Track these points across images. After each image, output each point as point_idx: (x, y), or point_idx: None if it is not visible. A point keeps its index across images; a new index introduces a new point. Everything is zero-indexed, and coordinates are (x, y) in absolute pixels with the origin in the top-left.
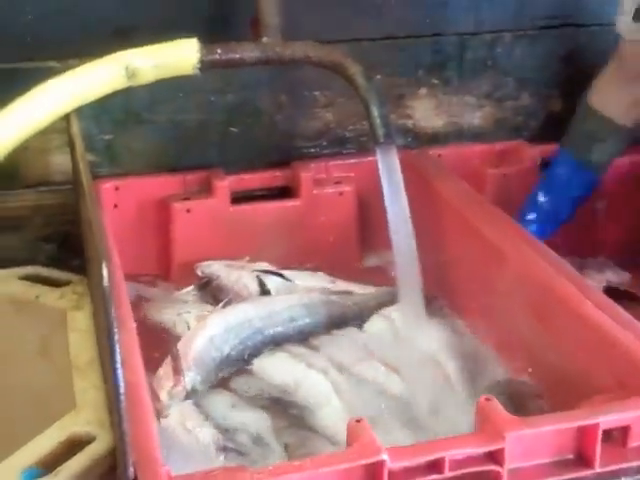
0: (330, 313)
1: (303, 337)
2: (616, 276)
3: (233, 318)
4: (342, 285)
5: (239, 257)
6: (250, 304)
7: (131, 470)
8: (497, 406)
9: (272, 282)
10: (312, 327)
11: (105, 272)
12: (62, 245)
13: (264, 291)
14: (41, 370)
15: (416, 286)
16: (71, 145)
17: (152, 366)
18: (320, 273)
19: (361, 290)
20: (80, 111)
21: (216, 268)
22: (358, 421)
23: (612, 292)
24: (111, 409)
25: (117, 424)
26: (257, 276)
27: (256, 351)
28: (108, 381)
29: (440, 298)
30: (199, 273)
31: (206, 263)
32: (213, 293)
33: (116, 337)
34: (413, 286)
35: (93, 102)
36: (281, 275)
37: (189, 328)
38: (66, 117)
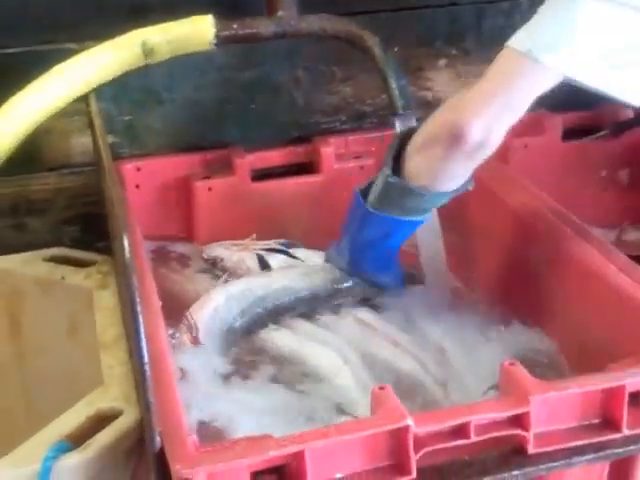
0: (331, 283)
1: (306, 307)
2: None
3: (234, 287)
4: None
5: (262, 233)
6: (250, 275)
7: (158, 440)
8: (521, 370)
9: (275, 260)
10: (313, 296)
11: (126, 243)
12: (85, 227)
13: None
14: (69, 348)
15: (440, 264)
16: (91, 126)
17: None
18: None
19: None
20: (99, 92)
21: (220, 251)
22: (382, 388)
23: None
24: (137, 383)
25: (142, 395)
26: (257, 254)
27: (260, 320)
28: (133, 354)
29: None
30: (204, 256)
31: (211, 246)
32: (218, 275)
33: (139, 307)
34: (436, 264)
35: (111, 83)
36: (286, 252)
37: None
38: (85, 98)
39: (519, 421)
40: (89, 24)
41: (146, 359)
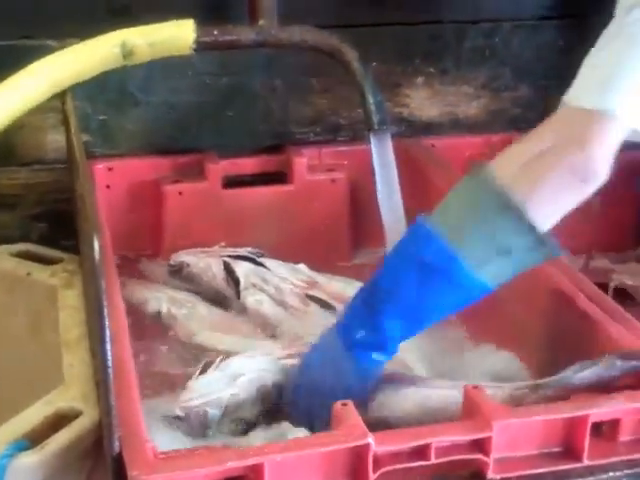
0: None
1: None
2: None
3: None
4: (321, 281)
5: (231, 241)
6: None
7: (116, 444)
8: (484, 394)
9: (241, 268)
10: None
11: (96, 245)
12: (55, 224)
13: (232, 278)
14: (31, 346)
15: None
16: (65, 123)
17: None
18: (301, 265)
19: (343, 285)
20: (75, 91)
21: (187, 257)
22: (344, 404)
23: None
24: (98, 384)
25: (103, 398)
26: (224, 261)
27: None
28: (96, 356)
29: None
30: (171, 262)
31: (178, 253)
32: (184, 281)
33: (105, 310)
34: None
35: (88, 82)
36: (253, 260)
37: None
38: (61, 96)
39: (480, 446)
40: (70, 21)
41: (109, 362)
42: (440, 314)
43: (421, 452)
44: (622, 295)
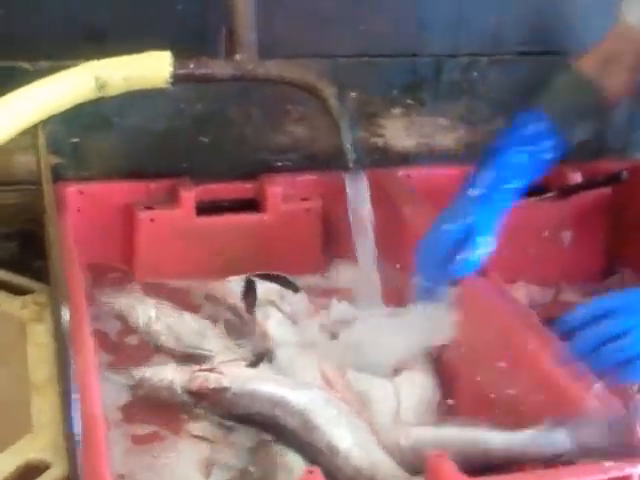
0: None
1: None
2: None
3: None
4: None
5: (203, 268)
6: None
7: None
8: (448, 464)
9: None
10: None
11: (67, 316)
12: (24, 245)
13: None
14: None
15: (375, 296)
16: (35, 146)
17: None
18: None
19: None
20: None
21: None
22: (311, 472)
23: None
24: (66, 436)
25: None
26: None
27: None
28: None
29: None
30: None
31: None
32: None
33: (74, 396)
34: (371, 297)
35: None
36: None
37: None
38: None
39: None
40: (44, 44)
41: (78, 437)
42: None
43: None
44: None
